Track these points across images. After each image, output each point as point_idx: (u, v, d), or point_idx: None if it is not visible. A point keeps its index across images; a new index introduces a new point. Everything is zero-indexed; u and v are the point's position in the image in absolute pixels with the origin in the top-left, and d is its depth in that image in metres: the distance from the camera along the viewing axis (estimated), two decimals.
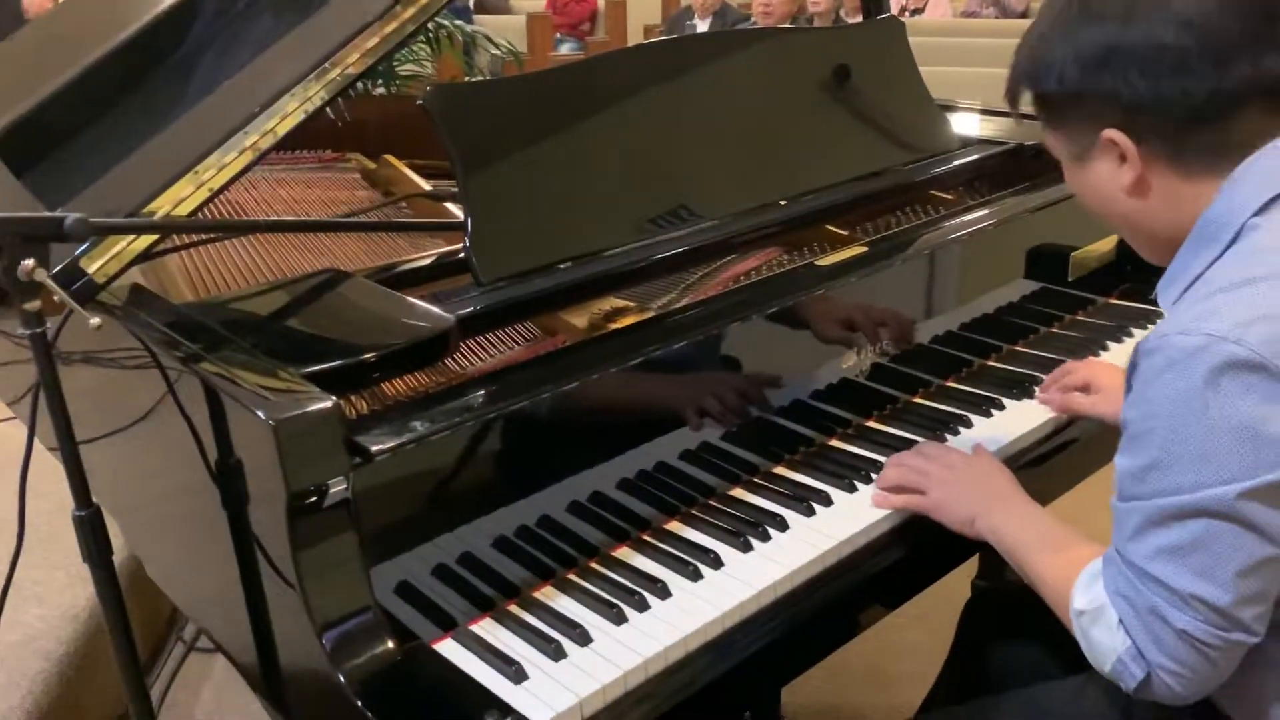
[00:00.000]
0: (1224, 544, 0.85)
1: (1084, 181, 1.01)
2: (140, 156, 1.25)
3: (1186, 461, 0.85)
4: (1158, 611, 0.89)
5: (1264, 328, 0.83)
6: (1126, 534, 0.91)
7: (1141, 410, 0.90)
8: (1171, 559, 0.87)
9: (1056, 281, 1.64)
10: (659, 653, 0.99)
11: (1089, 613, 0.95)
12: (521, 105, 1.30)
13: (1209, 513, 0.85)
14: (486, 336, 1.22)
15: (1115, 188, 0.97)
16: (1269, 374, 0.82)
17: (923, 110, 1.68)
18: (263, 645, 1.06)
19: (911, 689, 2.07)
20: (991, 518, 1.13)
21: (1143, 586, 0.90)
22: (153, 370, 1.08)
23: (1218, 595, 0.86)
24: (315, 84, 1.17)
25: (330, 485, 0.91)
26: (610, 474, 1.14)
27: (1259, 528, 0.84)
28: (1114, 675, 0.94)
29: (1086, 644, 0.97)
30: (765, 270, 1.38)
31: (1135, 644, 0.91)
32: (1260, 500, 0.84)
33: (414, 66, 3.60)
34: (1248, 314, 0.84)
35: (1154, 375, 0.88)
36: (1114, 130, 0.94)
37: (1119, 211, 0.99)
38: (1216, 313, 0.85)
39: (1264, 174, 0.91)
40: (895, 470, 1.23)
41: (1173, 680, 0.90)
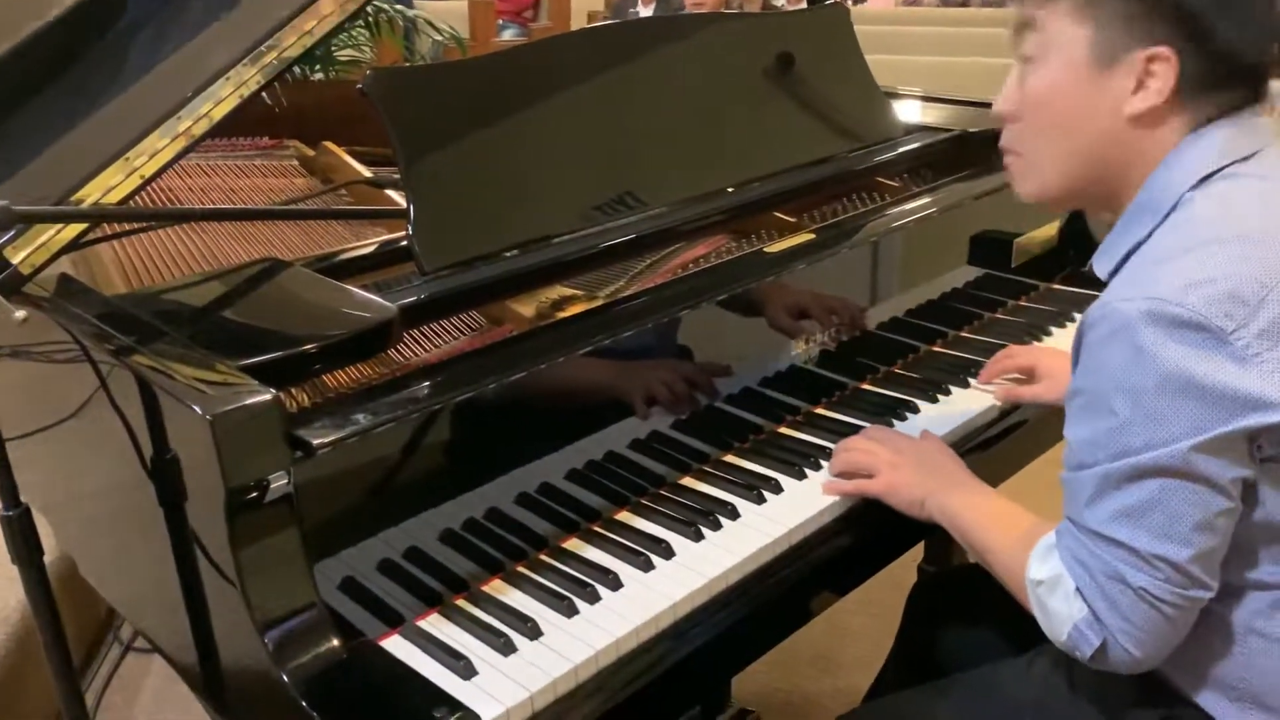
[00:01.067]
0: (1180, 500, 0.87)
1: (1074, 86, 0.96)
2: (68, 142, 1.21)
3: (1138, 423, 0.87)
4: (1116, 574, 0.90)
5: (1203, 290, 0.85)
6: (1082, 501, 0.93)
7: (1091, 379, 0.92)
8: (1129, 520, 0.89)
9: (1000, 268, 1.66)
10: (610, 644, 0.98)
11: (1046, 582, 0.96)
12: (464, 90, 1.27)
13: (1163, 471, 0.87)
14: (431, 326, 1.19)
15: (1112, 107, 0.94)
16: (1210, 333, 0.85)
17: (868, 97, 1.69)
18: (202, 645, 1.03)
19: (860, 674, 2.09)
20: (941, 498, 1.14)
21: (1100, 551, 0.91)
22: (84, 364, 1.05)
23: (1177, 552, 0.88)
24: (250, 68, 1.14)
25: (270, 480, 0.89)
26: (559, 465, 1.13)
27: (1211, 481, 0.87)
28: (1070, 644, 0.95)
29: (1043, 614, 0.98)
30: (713, 258, 1.37)
31: (1092, 610, 0.92)
32: (1211, 454, 0.86)
33: (353, 52, 3.53)
34: (1187, 279, 0.86)
35: (1100, 344, 0.90)
36: (1165, 49, 0.91)
37: (1091, 131, 0.96)
38: (1157, 280, 0.88)
39: (1202, 151, 0.93)
40: (844, 456, 1.23)
41: (1130, 644, 0.91)
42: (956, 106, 1.91)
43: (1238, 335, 0.85)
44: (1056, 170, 1.01)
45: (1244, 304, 0.85)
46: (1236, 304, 0.85)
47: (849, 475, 1.21)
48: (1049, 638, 0.98)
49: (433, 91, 1.25)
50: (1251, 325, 0.85)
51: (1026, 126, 1.01)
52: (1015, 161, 1.04)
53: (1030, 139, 1.01)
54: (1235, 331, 0.85)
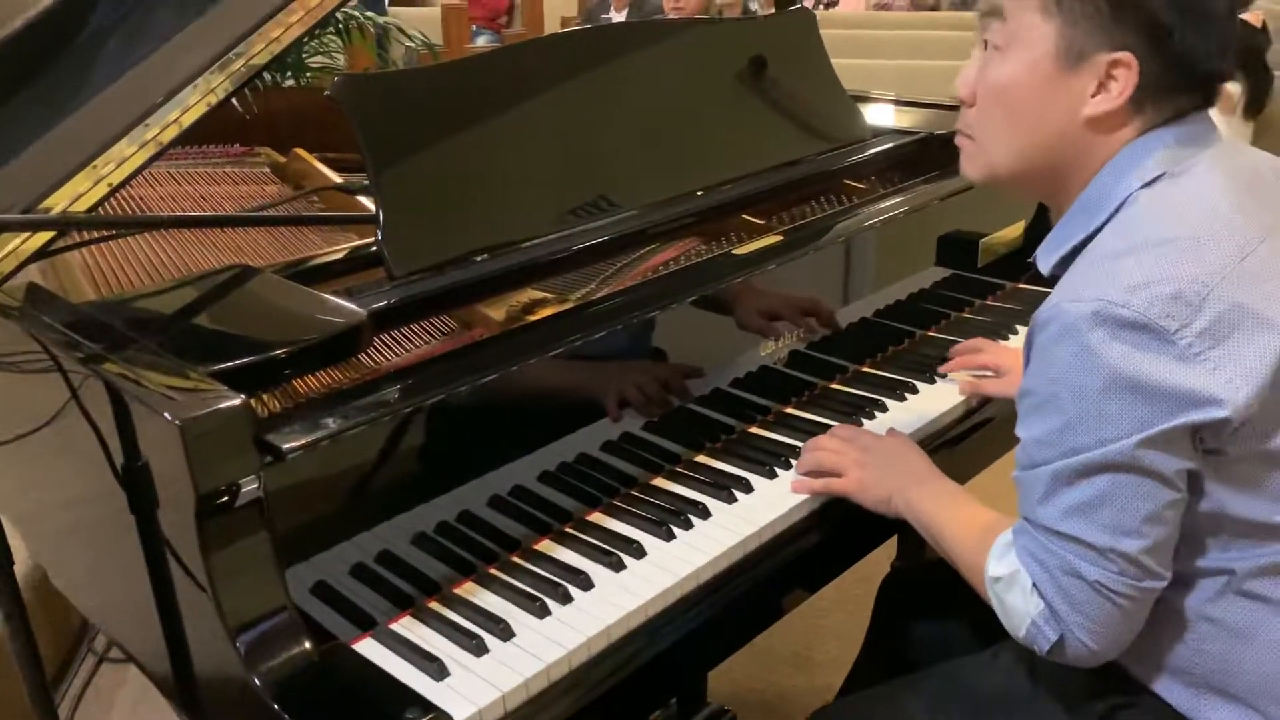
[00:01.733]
0: (1129, 494, 0.89)
1: (1035, 82, 0.97)
2: (34, 151, 1.21)
3: (1088, 421, 0.89)
4: (1071, 569, 0.92)
5: (1147, 291, 0.88)
6: (1035, 498, 0.95)
7: (1040, 380, 0.94)
8: (1082, 515, 0.91)
9: (966, 268, 1.68)
10: (582, 644, 0.99)
11: (1004, 579, 0.98)
12: (434, 96, 1.28)
13: (1112, 466, 0.89)
14: (402, 331, 1.20)
15: (1069, 106, 0.96)
16: (1154, 333, 0.87)
17: (836, 101, 1.71)
18: (176, 652, 1.03)
19: (835, 671, 2.10)
20: (907, 494, 1.16)
21: (1055, 547, 0.93)
22: (52, 372, 1.04)
23: (1129, 544, 0.90)
24: (219, 75, 1.14)
25: (241, 485, 0.89)
26: (531, 467, 1.13)
27: (1159, 474, 0.89)
28: (1028, 639, 0.97)
29: (1002, 610, 1.00)
30: (683, 260, 1.38)
31: (1048, 606, 0.94)
32: (1157, 448, 0.88)
33: (324, 59, 3.53)
34: (1131, 280, 0.89)
35: (1050, 343, 0.92)
36: (1128, 55, 0.93)
37: (1046, 127, 0.98)
38: (1102, 281, 0.90)
39: (1149, 153, 0.96)
40: (811, 455, 1.24)
41: (1087, 637, 0.93)
42: (924, 110, 1.93)
43: (1180, 335, 0.87)
44: (1005, 159, 1.02)
45: (1186, 304, 0.87)
46: (1179, 304, 0.87)
47: (817, 474, 1.23)
48: (1008, 627, 1.00)
49: (402, 97, 1.26)
50: (1194, 324, 0.87)
51: (983, 113, 1.02)
52: (966, 143, 1.06)
53: (984, 125, 1.03)
54: (1178, 331, 0.87)
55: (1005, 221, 1.73)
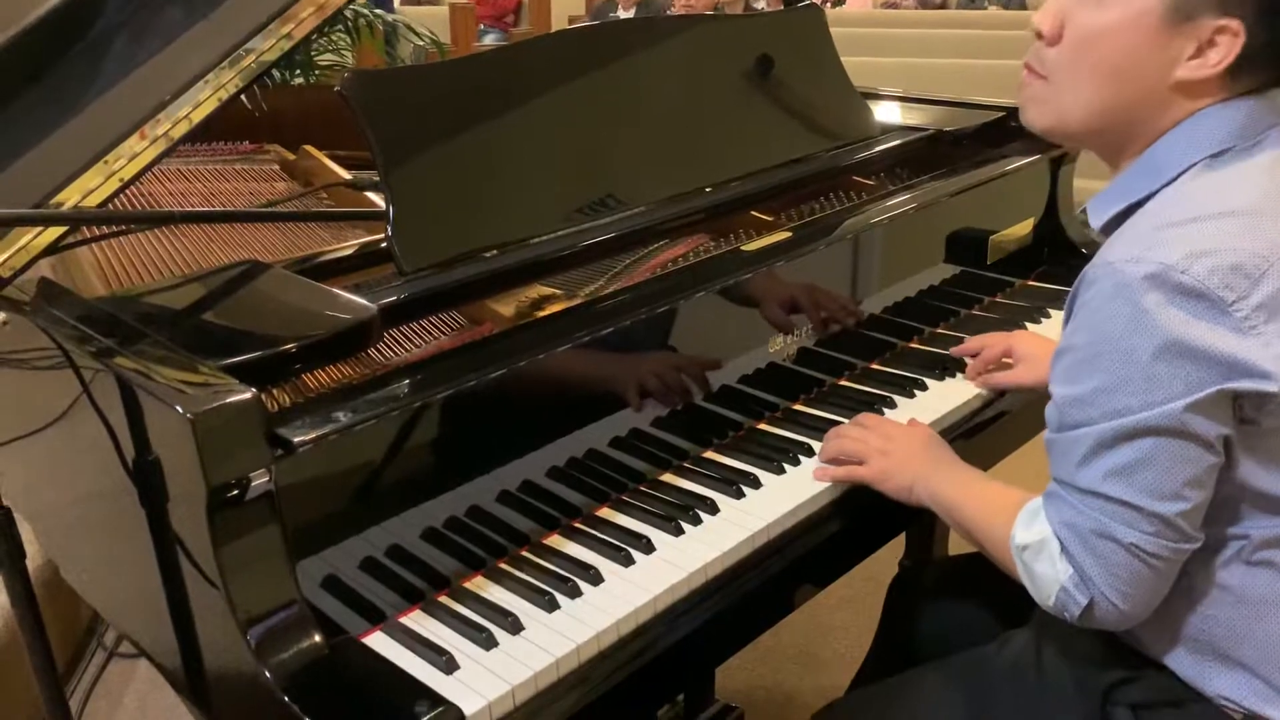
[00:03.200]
0: (1172, 458, 0.89)
1: (1136, 36, 0.93)
2: (47, 146, 1.21)
3: (1134, 384, 0.89)
4: (1105, 531, 0.92)
5: (1207, 261, 0.87)
6: (1074, 461, 0.94)
7: (1088, 335, 0.92)
8: (1122, 478, 0.91)
9: (976, 265, 1.68)
10: (591, 638, 0.99)
11: (1031, 546, 0.98)
12: (443, 92, 1.28)
13: (1157, 430, 0.89)
14: (411, 326, 1.20)
15: (1162, 66, 0.94)
16: (1211, 302, 0.87)
17: (844, 97, 1.70)
18: (186, 646, 1.03)
19: (841, 669, 2.11)
20: (930, 482, 1.15)
21: (1090, 509, 0.93)
22: (64, 367, 1.05)
23: (1168, 507, 0.90)
24: (229, 71, 1.15)
25: (252, 479, 0.89)
26: (540, 462, 1.14)
27: (1202, 438, 0.89)
28: (1058, 606, 0.96)
29: (1029, 578, 0.99)
30: (692, 257, 1.38)
31: (1078, 570, 0.94)
32: (1203, 413, 0.88)
33: (333, 56, 3.54)
34: (1192, 248, 0.88)
35: (1101, 301, 0.91)
36: (1237, 23, 0.90)
37: (1133, 84, 0.95)
38: (1165, 244, 0.89)
39: (1222, 125, 0.94)
40: (834, 443, 1.25)
41: (1118, 599, 0.93)
42: (932, 106, 1.93)
43: (1237, 307, 0.87)
44: (1081, 110, 0.99)
45: (1246, 277, 0.87)
46: (1239, 276, 0.87)
47: (839, 462, 1.23)
48: (1037, 602, 1.00)
49: (411, 93, 1.26)
50: (1251, 298, 0.87)
51: (1065, 57, 0.98)
52: (1038, 84, 1.01)
53: (1064, 70, 0.98)
54: (1235, 303, 0.87)
55: (1014, 218, 1.72)
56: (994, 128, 1.78)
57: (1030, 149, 1.73)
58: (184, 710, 1.10)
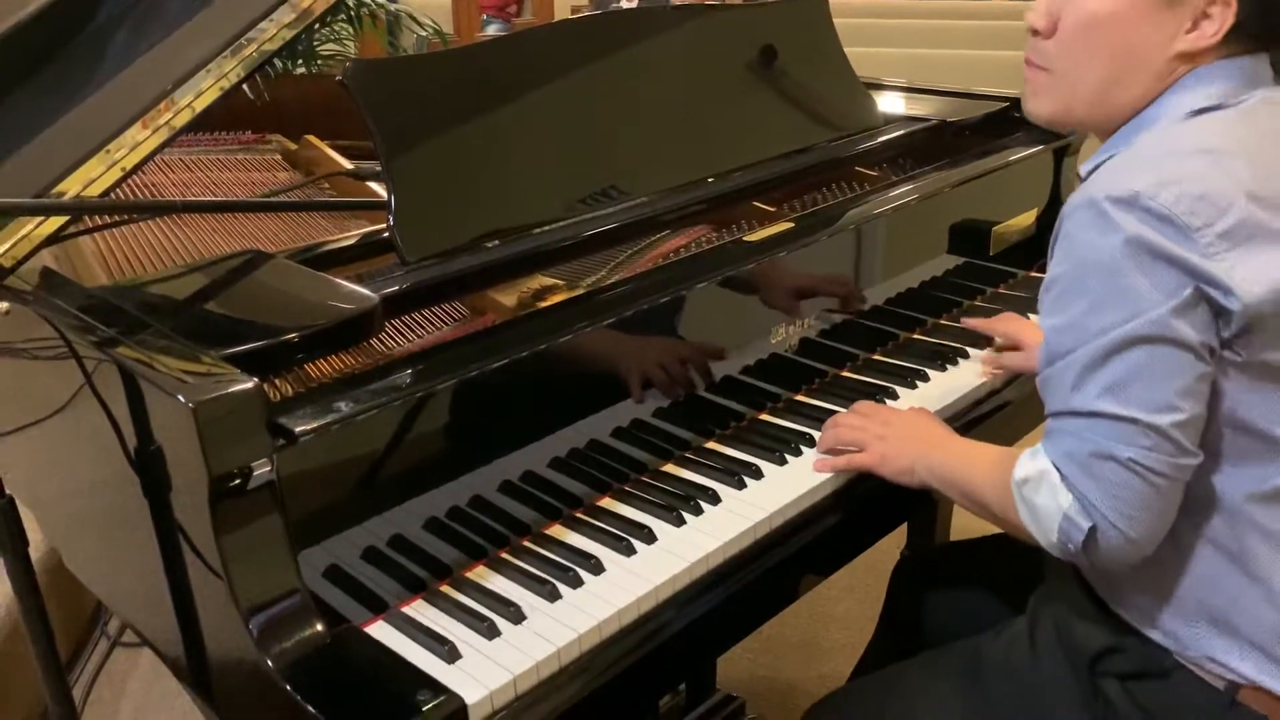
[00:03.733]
0: (1162, 366, 0.90)
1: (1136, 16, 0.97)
2: (48, 136, 1.21)
3: (1114, 297, 0.90)
4: (1104, 451, 0.92)
5: (1175, 188, 0.90)
6: (1067, 387, 0.94)
7: (1068, 264, 0.94)
8: (1114, 393, 0.91)
9: (979, 256, 1.68)
10: (593, 627, 1.00)
11: (1031, 480, 0.97)
12: (445, 81, 1.28)
13: (1144, 339, 0.90)
14: (413, 316, 1.20)
15: (1162, 42, 0.97)
16: (1176, 227, 0.89)
17: (847, 87, 1.70)
18: (189, 635, 1.04)
19: (843, 659, 2.11)
20: (929, 460, 1.16)
21: (1087, 431, 0.93)
22: (66, 356, 1.05)
23: (1164, 418, 0.90)
24: (231, 60, 1.15)
25: (254, 468, 0.89)
26: (542, 452, 1.14)
27: (1189, 344, 0.90)
28: (1062, 538, 0.96)
29: (1031, 515, 0.98)
30: (694, 247, 1.38)
31: (1079, 498, 0.93)
32: (1186, 318, 0.89)
33: (335, 46, 3.53)
34: (1163, 177, 0.90)
35: (1080, 229, 0.93)
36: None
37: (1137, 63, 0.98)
38: (1137, 172, 0.92)
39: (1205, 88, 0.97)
40: (832, 432, 1.25)
41: (1122, 523, 0.92)
42: (935, 96, 1.92)
43: (1201, 233, 0.89)
44: (1086, 94, 1.02)
45: (1212, 205, 0.89)
46: (1205, 204, 0.89)
47: (839, 451, 1.23)
48: (1040, 543, 0.99)
49: (413, 83, 1.26)
50: (1216, 225, 0.89)
51: (1066, 45, 1.01)
52: (1041, 77, 1.04)
53: (1066, 58, 1.01)
54: (1200, 230, 0.89)
55: (1017, 209, 1.72)
56: (997, 118, 1.78)
57: (1033, 140, 1.73)
58: (187, 698, 1.11)
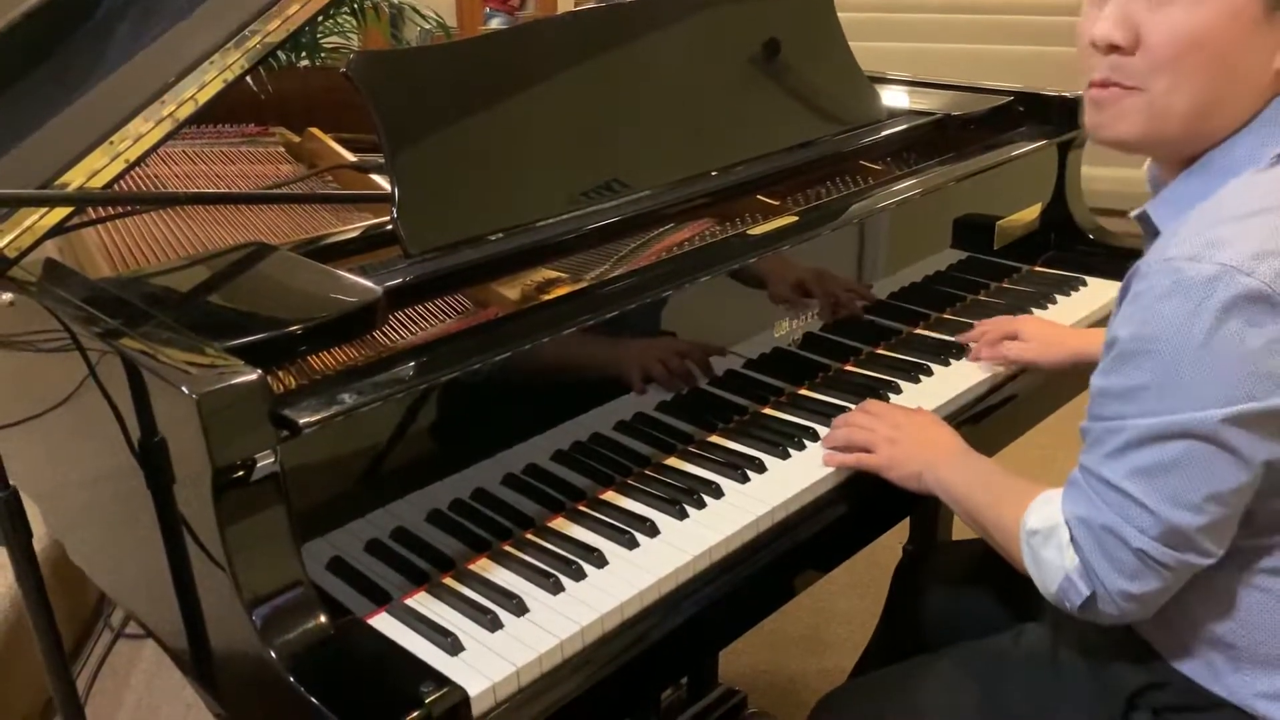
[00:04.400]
0: (1200, 467, 0.86)
1: (1236, 29, 0.89)
2: (52, 127, 1.21)
3: (1181, 386, 0.85)
4: (1116, 530, 0.90)
5: (1276, 261, 0.82)
6: (1103, 452, 0.91)
7: (1138, 330, 0.88)
8: (1146, 478, 0.88)
9: (982, 250, 1.67)
10: (595, 620, 1.00)
11: (1041, 532, 0.97)
12: (449, 73, 1.28)
13: (1192, 435, 0.86)
14: (417, 309, 1.20)
15: (1264, 58, 0.90)
16: (1275, 305, 0.82)
17: (851, 81, 1.70)
18: (192, 627, 1.04)
19: (845, 655, 2.11)
20: (939, 470, 1.15)
21: (1106, 505, 0.91)
22: (70, 347, 1.05)
23: (1185, 518, 0.88)
24: (235, 52, 1.15)
25: (257, 459, 0.90)
26: (545, 445, 1.14)
27: (1238, 454, 0.86)
28: (1059, 595, 0.96)
29: (1035, 565, 0.98)
30: (697, 240, 1.38)
31: (1084, 561, 0.93)
32: (1244, 427, 0.85)
33: (339, 39, 3.53)
34: (1259, 246, 0.83)
35: (1157, 299, 0.86)
36: None
37: (1239, 80, 0.91)
38: (1227, 242, 0.84)
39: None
40: (842, 430, 1.24)
41: (1120, 598, 0.92)
42: (940, 90, 1.92)
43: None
44: (1183, 112, 0.92)
45: None
46: None
47: (848, 449, 1.23)
48: (1039, 589, 0.99)
49: (417, 75, 1.26)
50: None
51: (1162, 64, 0.91)
52: (1131, 99, 0.94)
53: (1163, 75, 0.91)
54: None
55: (1022, 204, 1.72)
56: (1002, 112, 1.77)
57: (1038, 134, 1.73)
58: (190, 690, 1.11)
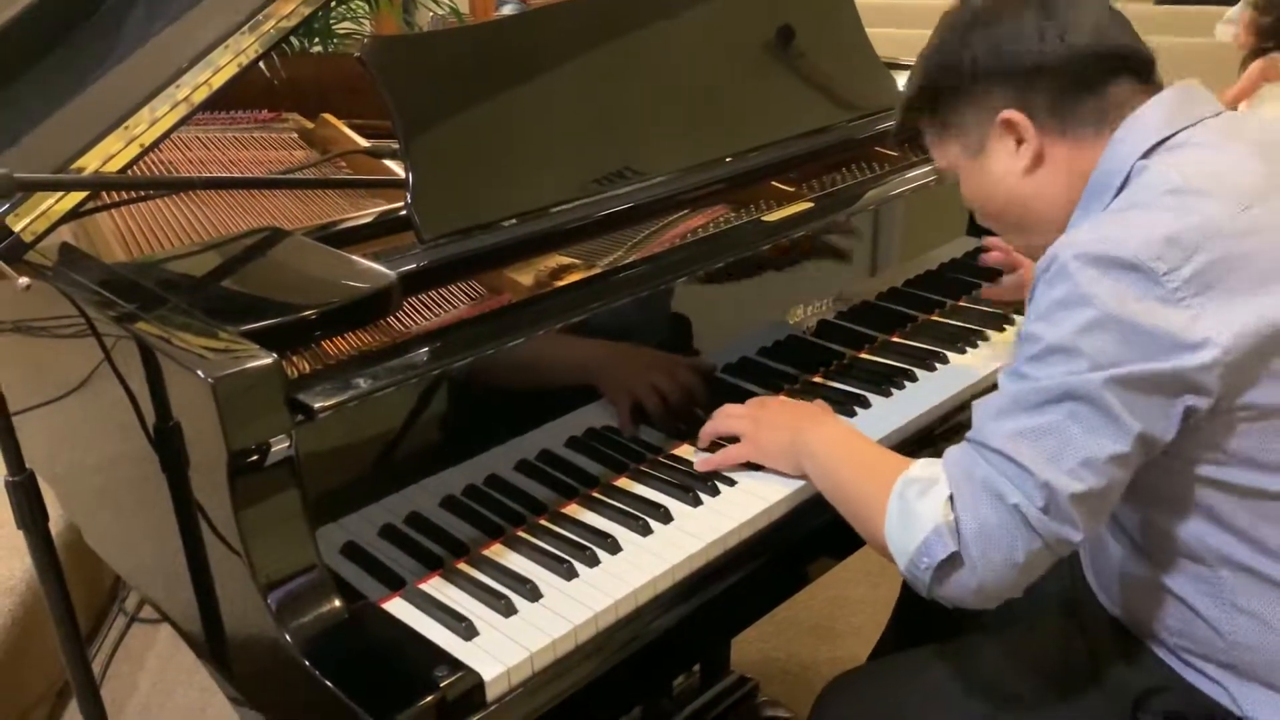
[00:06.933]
0: (1081, 429, 0.88)
1: (983, 175, 1.06)
2: (67, 112, 1.21)
3: (1061, 352, 0.89)
4: (995, 486, 0.90)
5: (1141, 234, 0.89)
6: (989, 415, 0.94)
7: (1031, 320, 0.93)
8: (1026, 439, 0.90)
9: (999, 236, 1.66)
10: (609, 606, 1.00)
11: (921, 481, 0.95)
12: (463, 58, 1.27)
13: (1074, 395, 0.88)
14: (430, 295, 1.20)
15: (1015, 171, 1.03)
16: (1142, 273, 0.87)
17: (868, 67, 1.68)
18: (207, 610, 1.04)
19: (857, 642, 2.11)
20: (806, 436, 1.13)
21: (988, 462, 0.91)
22: (85, 332, 1.05)
23: (1062, 480, 0.88)
24: (248, 36, 1.14)
25: (272, 444, 0.90)
26: (559, 431, 1.14)
27: (1116, 419, 0.87)
28: (920, 549, 0.93)
29: (902, 515, 0.96)
30: (712, 227, 1.37)
31: (956, 521, 0.91)
32: (1125, 391, 0.87)
33: (351, 24, 3.52)
34: (1128, 226, 0.90)
35: (1044, 285, 0.92)
36: (1011, 110, 1.01)
37: (1020, 196, 1.05)
38: (1104, 226, 0.93)
39: (1142, 127, 0.98)
40: (707, 426, 1.23)
41: (981, 565, 0.90)
42: None
43: (1169, 278, 0.87)
44: (1041, 231, 1.05)
45: (1180, 248, 0.87)
46: (1172, 248, 0.87)
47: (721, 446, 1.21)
48: (895, 547, 0.96)
49: (431, 60, 1.25)
50: (1183, 269, 0.87)
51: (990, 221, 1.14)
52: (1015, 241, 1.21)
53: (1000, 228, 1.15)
54: (1167, 274, 0.87)
55: None
56: None
57: None
58: (205, 673, 1.11)
